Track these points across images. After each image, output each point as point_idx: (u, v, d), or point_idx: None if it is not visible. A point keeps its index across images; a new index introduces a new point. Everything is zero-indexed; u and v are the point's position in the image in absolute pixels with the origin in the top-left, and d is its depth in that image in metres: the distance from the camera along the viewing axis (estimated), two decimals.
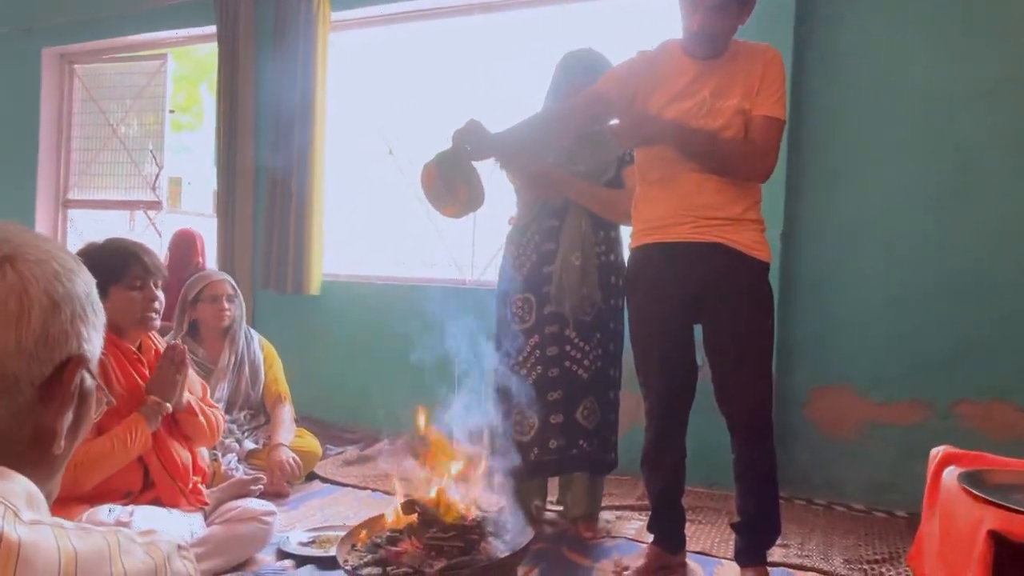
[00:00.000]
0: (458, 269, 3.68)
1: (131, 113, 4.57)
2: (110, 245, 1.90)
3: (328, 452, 3.15)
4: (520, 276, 2.31)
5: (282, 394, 2.92)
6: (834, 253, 2.84)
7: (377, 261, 3.92)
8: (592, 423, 2.24)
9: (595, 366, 2.25)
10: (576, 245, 2.22)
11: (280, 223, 3.79)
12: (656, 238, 1.95)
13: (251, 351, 2.91)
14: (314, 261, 3.74)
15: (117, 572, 0.55)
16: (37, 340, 0.60)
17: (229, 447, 2.66)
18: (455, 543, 1.59)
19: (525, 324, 2.28)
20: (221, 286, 2.80)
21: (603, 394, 2.27)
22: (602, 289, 2.24)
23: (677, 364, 1.99)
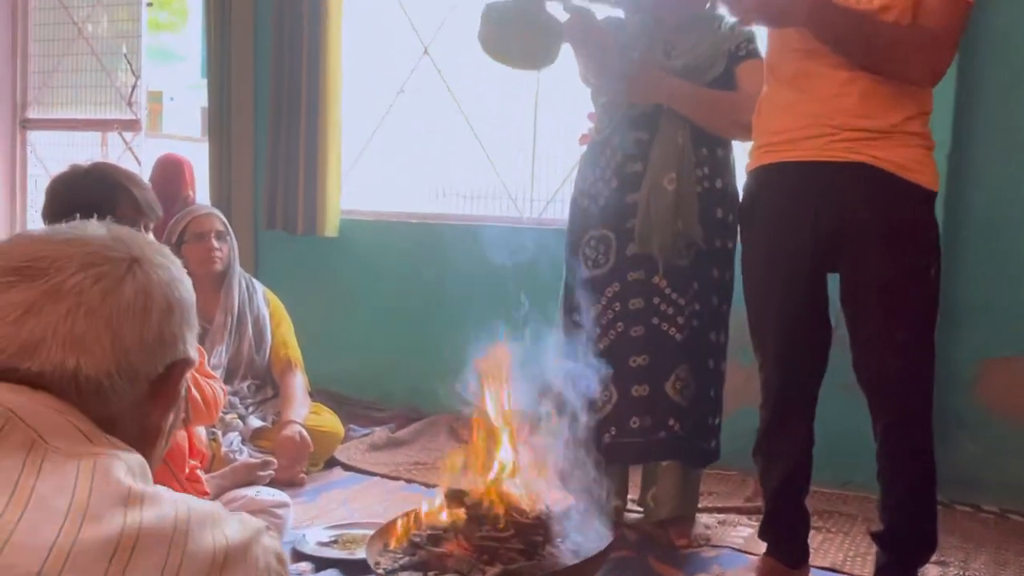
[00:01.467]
0: (514, 204, 3.68)
1: (99, 7, 4.66)
2: (96, 173, 1.95)
3: (351, 433, 3.23)
4: (595, 207, 2.29)
5: (292, 360, 3.00)
6: (1019, 183, 2.73)
7: (410, 194, 3.95)
8: (686, 399, 2.23)
9: (691, 325, 2.23)
10: (670, 164, 2.19)
11: (287, 148, 3.84)
12: (780, 156, 1.91)
13: (254, 306, 2.99)
14: (330, 195, 3.79)
15: (219, 537, 0.72)
16: (155, 338, 0.80)
17: (231, 425, 2.76)
18: (513, 545, 1.62)
19: (601, 269, 2.27)
20: (207, 221, 2.87)
21: (700, 362, 2.26)
22: (704, 225, 2.21)
23: (803, 326, 1.96)
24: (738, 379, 2.98)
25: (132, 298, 0.79)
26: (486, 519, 1.64)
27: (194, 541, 0.69)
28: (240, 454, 2.63)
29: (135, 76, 4.55)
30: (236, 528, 0.74)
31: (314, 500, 2.61)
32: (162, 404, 0.83)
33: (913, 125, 1.84)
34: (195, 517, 0.71)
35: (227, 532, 0.73)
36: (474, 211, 3.78)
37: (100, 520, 0.66)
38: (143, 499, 0.70)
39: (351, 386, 3.82)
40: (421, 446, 3.20)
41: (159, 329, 0.80)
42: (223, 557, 0.71)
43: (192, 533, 0.70)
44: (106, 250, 0.80)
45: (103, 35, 4.66)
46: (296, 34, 3.77)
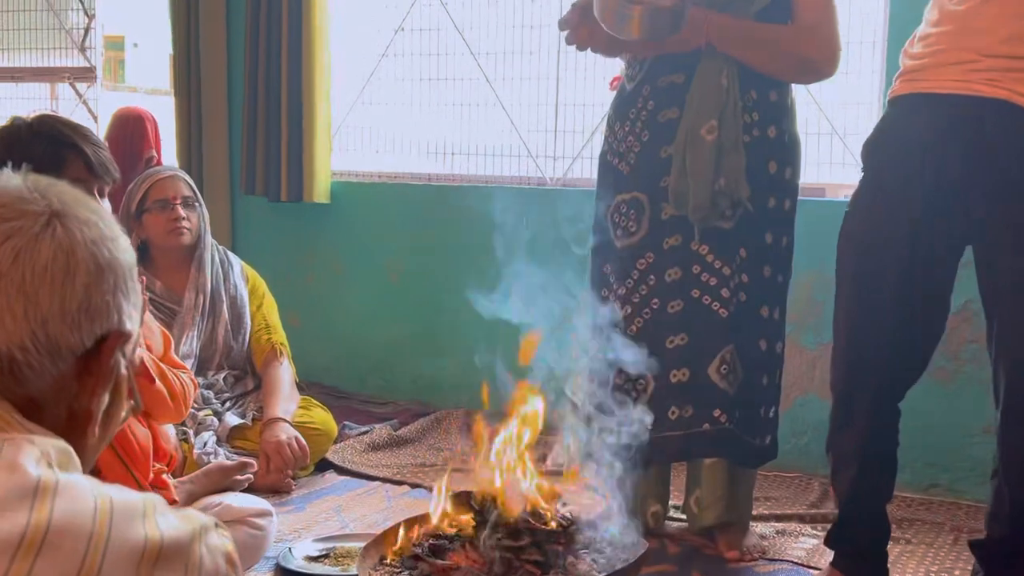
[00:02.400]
0: (535, 162, 3.68)
1: None
2: (40, 127, 1.94)
3: (346, 431, 3.25)
4: (625, 166, 2.28)
5: (277, 347, 3.01)
6: None
7: (413, 152, 3.95)
8: (733, 385, 2.22)
9: (737, 299, 2.22)
10: (710, 110, 2.16)
11: (267, 100, 3.84)
12: (914, 86, 1.88)
13: (230, 284, 3.00)
14: (319, 154, 3.79)
15: (151, 531, 0.71)
16: (80, 306, 0.78)
17: (204, 423, 2.78)
18: (530, 556, 1.62)
19: (632, 237, 2.26)
20: (172, 185, 2.87)
21: (750, 343, 2.25)
22: (753, 181, 2.18)
23: (923, 307, 1.92)
24: (799, 364, 2.98)
25: (50, 259, 0.77)
26: (499, 525, 1.65)
27: (118, 535, 0.69)
28: (215, 456, 2.65)
29: (88, 17, 4.56)
30: (174, 522, 0.74)
31: (302, 508, 2.62)
32: (93, 384, 0.82)
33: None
34: (120, 508, 0.71)
35: (162, 526, 0.72)
36: (489, 171, 3.78)
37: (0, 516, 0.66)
38: (55, 490, 0.69)
39: (346, 377, 3.85)
40: (429, 445, 3.22)
41: (85, 295, 0.79)
42: (155, 552, 0.70)
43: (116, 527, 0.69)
44: (20, 203, 0.78)
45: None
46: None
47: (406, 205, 3.79)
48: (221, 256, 3.04)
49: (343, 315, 3.89)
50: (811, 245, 2.53)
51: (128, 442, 2.01)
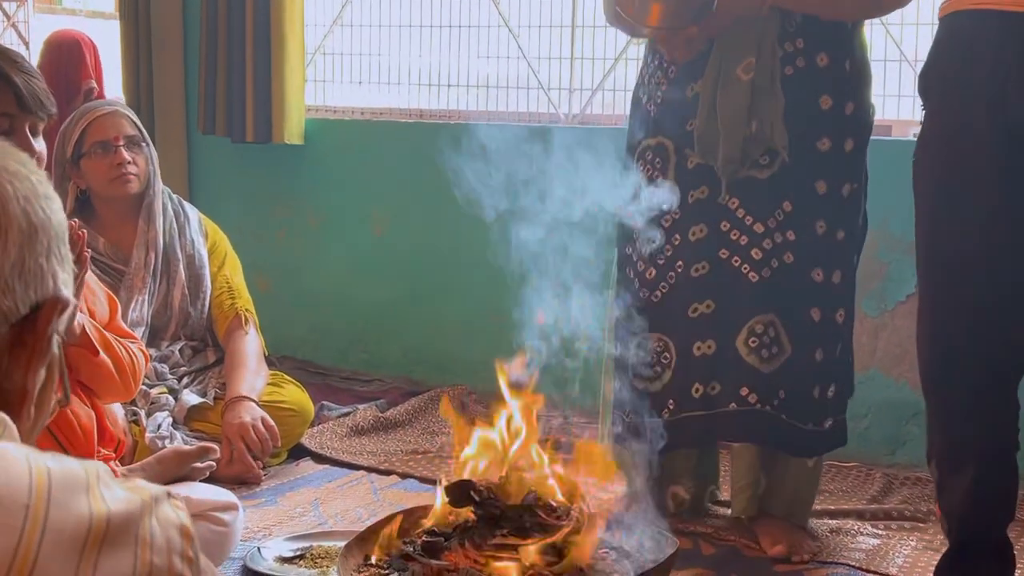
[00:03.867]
0: (547, 96, 3.66)
1: None
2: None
3: (325, 413, 3.25)
4: (653, 105, 2.28)
5: (241, 314, 3.01)
6: None
7: (403, 84, 3.93)
8: (769, 361, 2.23)
9: (779, 260, 2.22)
10: (747, 44, 2.15)
11: (230, 25, 3.82)
12: (977, 1, 1.87)
13: (186, 240, 2.99)
14: (291, 87, 3.78)
15: (96, 503, 0.71)
16: (12, 268, 0.80)
17: (158, 401, 2.78)
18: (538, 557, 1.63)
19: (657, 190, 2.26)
20: (113, 123, 2.85)
21: (798, 312, 2.25)
22: (799, 119, 2.18)
23: (1010, 256, 1.91)
24: (860, 334, 2.97)
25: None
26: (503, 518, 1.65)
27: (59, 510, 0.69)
28: (171, 440, 2.65)
29: None
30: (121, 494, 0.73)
31: (274, 502, 2.63)
32: (27, 357, 0.83)
33: None
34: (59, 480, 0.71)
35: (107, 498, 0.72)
36: (493, 107, 3.78)
37: None
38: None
39: (324, 350, 3.85)
40: (421, 429, 3.22)
41: (18, 257, 0.80)
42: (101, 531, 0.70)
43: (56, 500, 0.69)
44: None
45: None
46: None
47: (393, 146, 3.77)
48: (175, 207, 3.03)
49: (320, 277, 3.89)
50: (874, 195, 2.51)
51: (68, 423, 2.01)
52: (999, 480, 2.01)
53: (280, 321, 3.56)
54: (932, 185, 1.98)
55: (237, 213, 3.74)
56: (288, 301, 3.82)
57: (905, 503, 2.67)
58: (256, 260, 3.31)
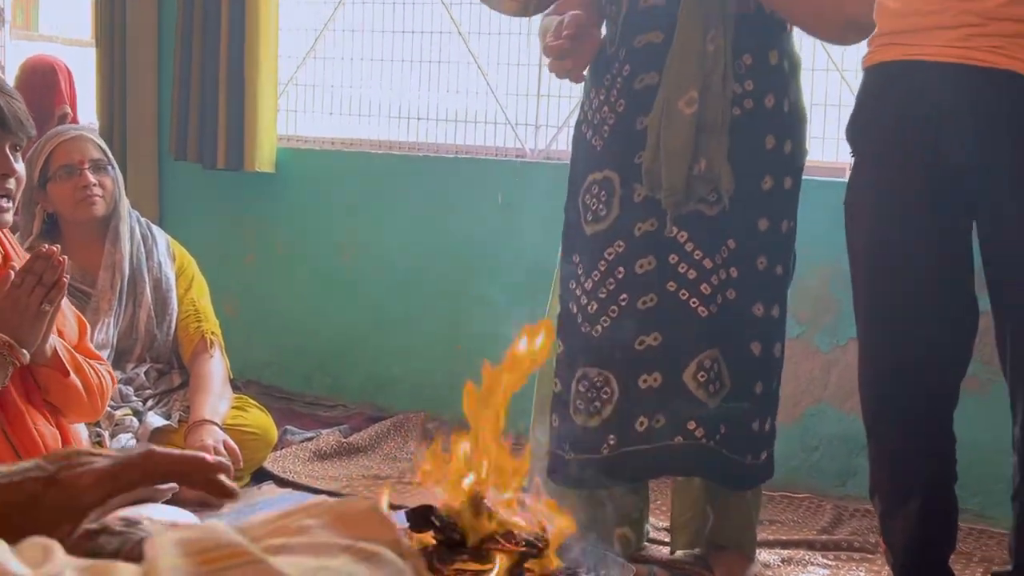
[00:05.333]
0: (514, 132, 3.66)
1: None
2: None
3: (288, 437, 3.23)
4: (599, 139, 2.27)
5: (207, 337, 2.97)
6: None
7: (373, 116, 3.93)
8: (714, 395, 2.21)
9: (723, 296, 2.21)
10: (692, 77, 2.14)
11: (203, 52, 3.82)
12: (903, 52, 1.90)
13: (153, 263, 2.96)
14: (263, 116, 3.77)
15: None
16: None
17: (122, 423, 2.74)
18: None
19: (601, 223, 2.24)
20: (78, 147, 2.82)
21: (740, 346, 2.24)
22: (746, 159, 2.17)
23: (938, 302, 1.94)
24: (812, 368, 2.98)
25: None
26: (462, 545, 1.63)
27: None
28: None
29: None
30: None
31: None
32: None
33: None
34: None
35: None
36: (460, 140, 3.77)
37: None
38: None
39: (289, 374, 3.83)
40: (384, 454, 3.21)
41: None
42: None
43: None
44: None
45: None
46: None
47: (363, 177, 3.77)
48: (143, 230, 3.00)
49: (287, 303, 3.87)
50: (827, 233, 2.53)
51: (32, 443, 1.97)
52: (940, 513, 2.04)
53: (246, 345, 3.55)
54: (867, 234, 2.01)
55: (206, 238, 3.71)
56: (254, 325, 3.80)
57: (855, 535, 2.67)
58: (224, 284, 3.29)
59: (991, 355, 2.74)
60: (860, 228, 2.02)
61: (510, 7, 2.15)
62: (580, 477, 2.22)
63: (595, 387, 2.23)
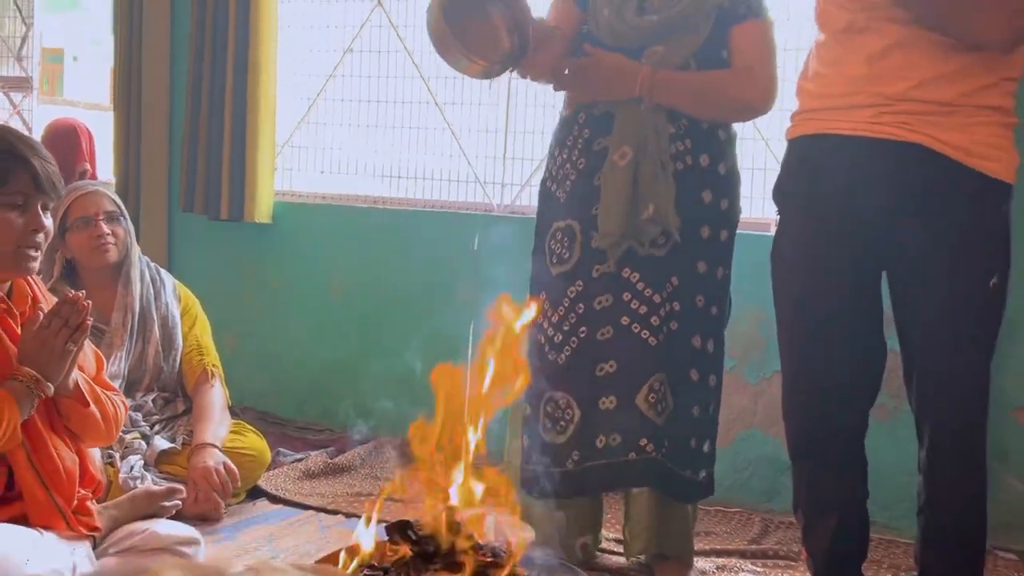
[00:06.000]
0: (483, 189, 3.67)
1: None
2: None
3: (280, 458, 3.20)
4: (562, 192, 2.29)
5: (209, 369, 2.96)
6: None
7: (359, 174, 3.93)
8: (662, 415, 2.22)
9: (667, 327, 2.22)
10: (628, 133, 2.17)
11: (210, 115, 3.81)
12: (822, 126, 1.90)
13: (160, 303, 2.94)
14: (262, 173, 3.77)
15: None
16: None
17: (131, 446, 2.71)
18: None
19: (564, 266, 2.26)
20: (93, 201, 2.81)
21: (681, 373, 2.24)
22: (684, 210, 2.19)
23: (847, 346, 1.94)
24: (742, 398, 3.00)
25: None
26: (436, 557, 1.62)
27: None
28: (142, 480, 2.58)
29: (25, 25, 4.49)
30: None
31: (233, 538, 2.57)
32: None
33: (988, 96, 1.80)
34: None
35: None
36: (435, 196, 3.77)
37: None
38: None
39: (282, 402, 3.79)
40: (366, 474, 3.18)
41: None
42: None
43: None
44: None
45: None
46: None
47: (350, 228, 3.76)
48: (152, 273, 2.98)
49: (281, 339, 3.84)
50: (756, 280, 2.54)
51: (53, 466, 1.95)
52: (854, 526, 2.04)
53: (244, 376, 3.51)
54: (790, 283, 2.01)
55: (209, 280, 3.69)
56: (251, 358, 3.76)
57: (780, 544, 2.68)
58: (224, 322, 3.26)
59: (898, 388, 2.77)
60: (784, 278, 2.03)
61: (474, 71, 2.14)
62: (549, 489, 2.21)
63: (560, 408, 2.23)
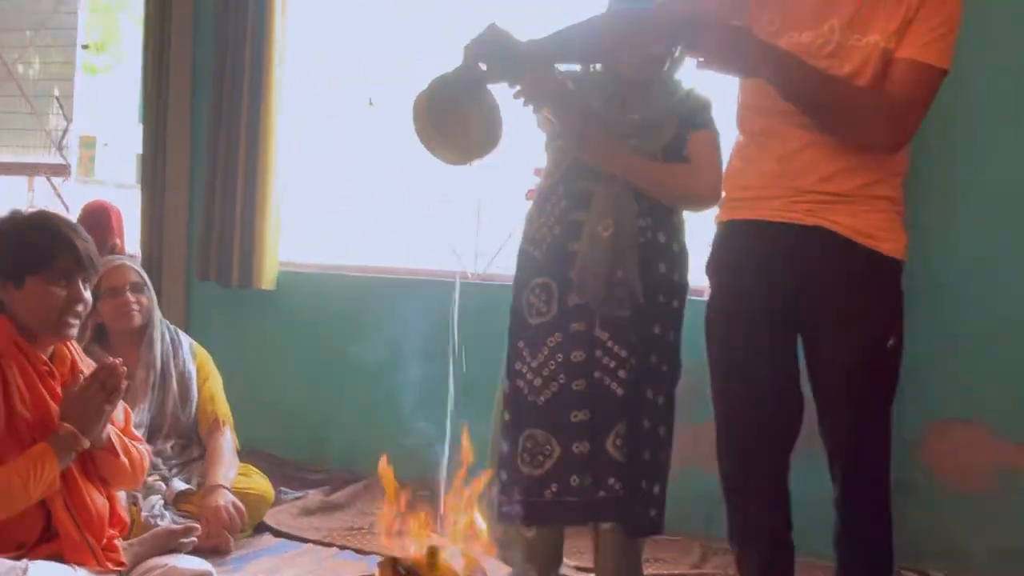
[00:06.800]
0: (458, 259, 3.68)
1: (31, 48, 4.60)
2: (38, 222, 1.94)
3: (282, 496, 3.16)
4: (539, 253, 2.30)
5: (220, 418, 2.93)
6: (966, 249, 2.81)
7: (351, 247, 3.93)
8: (625, 456, 2.21)
9: (630, 380, 2.22)
10: (607, 210, 2.19)
11: (224, 195, 3.81)
12: (744, 213, 1.94)
13: (179, 360, 2.92)
14: (268, 245, 3.77)
15: None
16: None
17: (153, 487, 2.67)
18: None
19: (543, 318, 2.26)
20: (120, 274, 2.81)
21: (636, 421, 2.24)
22: (644, 277, 2.21)
23: (768, 398, 1.95)
24: (684, 439, 2.99)
25: None
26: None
27: None
28: (162, 519, 2.54)
29: (67, 120, 4.49)
30: None
31: (241, 568, 2.53)
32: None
33: (880, 188, 1.85)
34: None
35: None
36: (417, 265, 3.77)
37: None
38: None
39: (284, 446, 3.74)
40: (357, 510, 3.14)
41: None
42: None
43: None
44: None
45: (35, 77, 4.61)
46: (237, 81, 3.77)
47: (342, 293, 3.75)
48: (172, 335, 2.96)
49: (283, 390, 3.80)
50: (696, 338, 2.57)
51: (86, 509, 1.93)
52: (781, 554, 2.03)
53: (250, 423, 3.45)
54: (720, 344, 2.02)
55: (222, 340, 3.64)
56: (257, 408, 3.70)
57: (717, 569, 2.67)
58: (234, 376, 3.22)
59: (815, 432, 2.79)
60: (716, 339, 2.04)
61: (451, 159, 2.15)
62: (527, 517, 2.19)
63: (539, 444, 2.21)
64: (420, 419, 3.32)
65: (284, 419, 3.77)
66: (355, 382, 3.65)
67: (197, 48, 3.96)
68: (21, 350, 1.91)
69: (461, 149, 2.13)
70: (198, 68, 3.96)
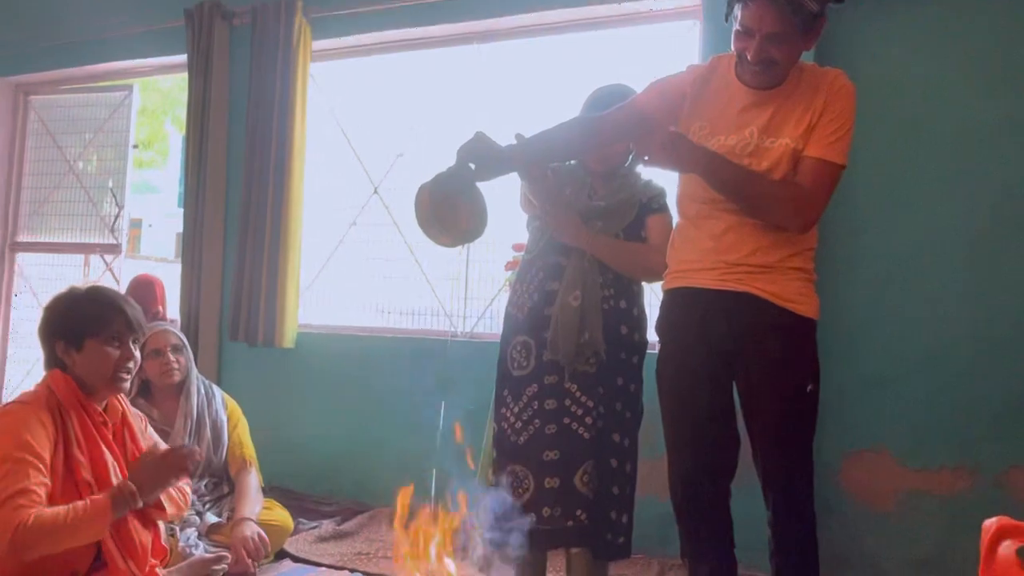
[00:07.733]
0: (449, 320, 3.69)
1: (90, 148, 4.63)
2: (92, 294, 1.95)
3: (300, 527, 3.10)
4: (521, 315, 2.31)
5: (248, 459, 2.88)
6: (865, 304, 2.86)
7: (358, 310, 3.93)
8: (593, 491, 2.19)
9: (597, 426, 2.22)
10: (576, 283, 2.21)
11: (252, 268, 3.81)
12: (685, 282, 1.96)
13: (212, 410, 2.88)
14: (288, 310, 3.76)
15: None
16: None
17: (189, 521, 2.61)
18: None
19: (523, 371, 2.26)
20: (163, 337, 2.79)
21: (604, 461, 2.22)
22: (608, 339, 2.22)
23: (709, 436, 1.94)
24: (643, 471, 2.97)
25: None
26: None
27: None
28: (196, 548, 2.48)
29: (119, 207, 4.49)
30: None
31: None
32: None
33: (794, 261, 1.89)
34: None
35: None
36: (415, 326, 3.78)
37: None
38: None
39: (302, 482, 3.69)
40: (364, 537, 3.08)
41: None
42: None
43: None
44: None
45: (92, 172, 4.63)
46: (264, 174, 3.81)
47: (352, 351, 3.73)
48: (206, 388, 2.92)
49: (301, 434, 3.75)
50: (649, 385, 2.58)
51: (132, 543, 1.89)
52: (726, 567, 2.01)
53: (273, 462, 3.42)
54: (668, 390, 2.02)
55: (249, 391, 3.61)
56: (279, 449, 3.66)
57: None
58: (260, 423, 3.19)
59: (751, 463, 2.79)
60: (664, 386, 2.04)
61: (444, 242, 2.14)
62: (512, 544, 2.15)
63: (519, 478, 2.20)
64: (417, 455, 3.31)
65: (302, 459, 3.72)
66: (362, 426, 3.63)
67: (230, 145, 4.00)
68: (82, 404, 1.90)
69: (454, 235, 2.15)
70: (231, 162, 3.99)
